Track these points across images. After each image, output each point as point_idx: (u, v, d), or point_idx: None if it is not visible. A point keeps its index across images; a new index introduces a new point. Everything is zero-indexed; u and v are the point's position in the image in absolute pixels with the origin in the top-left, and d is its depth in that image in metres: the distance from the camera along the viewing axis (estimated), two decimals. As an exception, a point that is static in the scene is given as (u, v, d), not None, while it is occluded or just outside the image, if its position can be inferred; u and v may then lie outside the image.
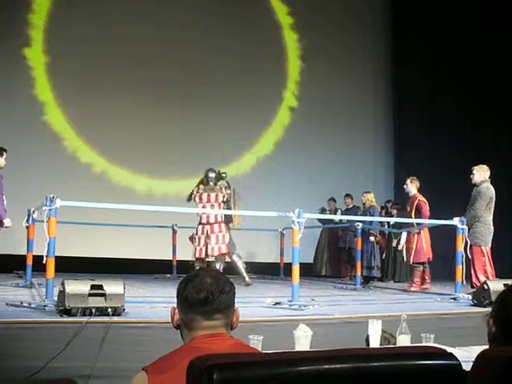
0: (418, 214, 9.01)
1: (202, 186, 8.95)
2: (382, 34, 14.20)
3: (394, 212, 11.21)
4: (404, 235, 10.60)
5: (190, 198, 9.02)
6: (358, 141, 13.82)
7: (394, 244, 10.99)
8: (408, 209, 9.27)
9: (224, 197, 8.85)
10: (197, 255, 8.80)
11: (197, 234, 8.82)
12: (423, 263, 9.13)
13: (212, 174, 9.03)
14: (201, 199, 8.82)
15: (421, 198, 9.14)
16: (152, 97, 12.01)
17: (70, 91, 11.53)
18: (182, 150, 12.09)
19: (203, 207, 8.69)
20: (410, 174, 9.59)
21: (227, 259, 9.05)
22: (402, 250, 10.78)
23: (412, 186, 9.23)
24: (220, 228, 8.80)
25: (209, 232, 8.75)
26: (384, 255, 11.09)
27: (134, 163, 11.95)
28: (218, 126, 12.28)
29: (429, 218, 9.03)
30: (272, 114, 13.25)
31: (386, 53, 14.22)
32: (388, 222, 10.70)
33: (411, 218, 9.09)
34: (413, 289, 9.03)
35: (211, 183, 8.98)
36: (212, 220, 8.78)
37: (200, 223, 8.81)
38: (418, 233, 9.05)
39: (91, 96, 11.54)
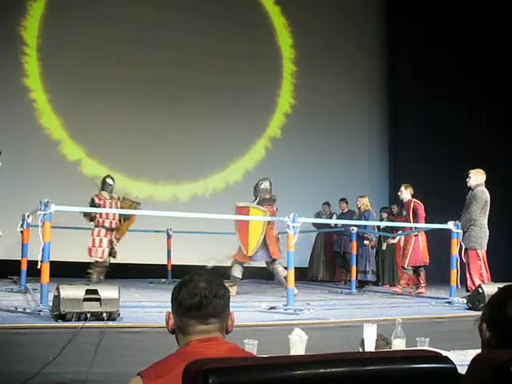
0: (415, 217, 9.08)
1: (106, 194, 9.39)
2: (378, 38, 14.22)
3: (385, 215, 11.24)
4: (397, 238, 10.68)
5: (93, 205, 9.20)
6: (353, 145, 13.81)
7: (384, 247, 11.02)
8: (404, 213, 9.34)
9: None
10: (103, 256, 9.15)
11: (98, 235, 9.14)
12: (418, 267, 9.16)
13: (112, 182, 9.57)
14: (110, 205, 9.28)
15: (415, 200, 9.27)
16: (145, 100, 11.97)
17: (64, 94, 11.49)
18: (176, 153, 12.05)
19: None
20: (405, 178, 9.62)
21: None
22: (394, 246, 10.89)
23: (406, 193, 9.35)
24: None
25: (112, 237, 9.26)
26: (377, 259, 11.10)
27: (127, 167, 11.89)
28: (212, 129, 12.25)
29: (425, 220, 9.13)
30: (267, 117, 13.23)
31: (382, 55, 14.24)
32: (378, 226, 10.74)
33: (409, 221, 9.16)
34: (397, 290, 9.11)
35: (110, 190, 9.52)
36: (114, 226, 9.31)
37: (103, 226, 9.15)
38: (416, 235, 9.10)
39: (85, 99, 11.49)
